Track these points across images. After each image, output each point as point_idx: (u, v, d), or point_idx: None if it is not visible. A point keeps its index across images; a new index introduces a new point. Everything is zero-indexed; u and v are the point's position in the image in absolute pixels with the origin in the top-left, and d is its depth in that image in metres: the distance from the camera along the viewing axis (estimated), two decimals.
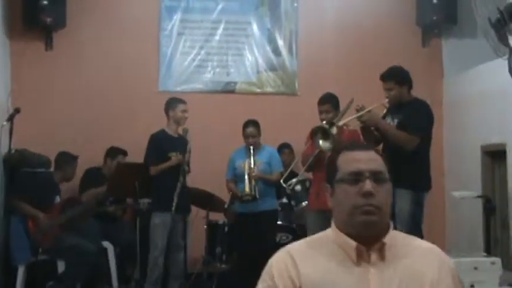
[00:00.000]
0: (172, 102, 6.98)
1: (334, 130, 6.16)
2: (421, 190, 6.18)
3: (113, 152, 7.82)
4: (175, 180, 6.50)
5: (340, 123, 6.25)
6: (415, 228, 6.14)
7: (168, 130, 6.94)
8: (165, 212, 6.65)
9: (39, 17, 7.93)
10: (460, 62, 8.53)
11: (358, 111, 6.13)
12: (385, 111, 6.24)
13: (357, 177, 2.22)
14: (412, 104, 6.20)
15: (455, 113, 8.50)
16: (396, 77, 6.20)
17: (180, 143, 6.72)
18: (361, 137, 6.37)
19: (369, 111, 6.10)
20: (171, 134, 6.91)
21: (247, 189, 6.74)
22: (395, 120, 6.15)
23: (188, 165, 6.88)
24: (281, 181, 6.91)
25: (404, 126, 6.03)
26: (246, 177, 6.74)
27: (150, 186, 6.85)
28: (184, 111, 6.92)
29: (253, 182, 6.75)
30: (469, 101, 8.12)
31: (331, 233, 2.30)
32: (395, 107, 6.20)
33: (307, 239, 2.37)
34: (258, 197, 6.77)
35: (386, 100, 6.20)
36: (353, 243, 2.20)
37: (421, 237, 6.21)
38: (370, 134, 6.31)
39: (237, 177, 7.09)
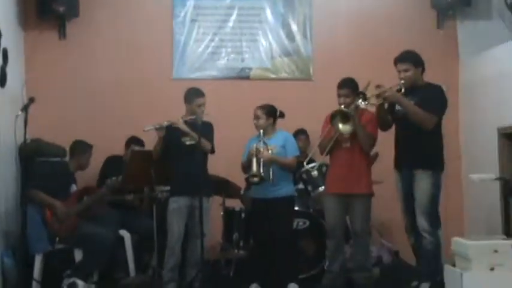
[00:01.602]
0: (189, 96, 6.78)
1: (362, 104, 6.17)
2: (439, 170, 6.25)
3: (132, 142, 7.79)
4: (191, 165, 6.48)
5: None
6: (433, 211, 6.16)
7: (186, 118, 6.82)
8: (181, 196, 6.65)
9: (53, 6, 7.97)
10: (476, 43, 8.47)
11: (379, 87, 6.14)
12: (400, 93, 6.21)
13: None
14: (427, 87, 6.27)
15: (471, 95, 8.42)
16: (412, 58, 6.25)
17: (198, 129, 6.53)
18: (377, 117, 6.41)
19: (390, 88, 6.13)
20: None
21: (254, 170, 6.63)
22: (411, 102, 6.15)
23: (212, 147, 6.79)
24: (304, 163, 6.90)
25: (421, 107, 6.03)
26: (254, 159, 6.62)
27: (166, 174, 6.82)
28: (201, 105, 6.72)
29: (261, 164, 6.63)
30: (485, 82, 8.04)
31: None
32: (409, 90, 6.18)
33: None
34: (271, 180, 6.59)
35: (402, 82, 6.20)
36: None
37: (439, 219, 6.23)
38: (386, 115, 6.33)
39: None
